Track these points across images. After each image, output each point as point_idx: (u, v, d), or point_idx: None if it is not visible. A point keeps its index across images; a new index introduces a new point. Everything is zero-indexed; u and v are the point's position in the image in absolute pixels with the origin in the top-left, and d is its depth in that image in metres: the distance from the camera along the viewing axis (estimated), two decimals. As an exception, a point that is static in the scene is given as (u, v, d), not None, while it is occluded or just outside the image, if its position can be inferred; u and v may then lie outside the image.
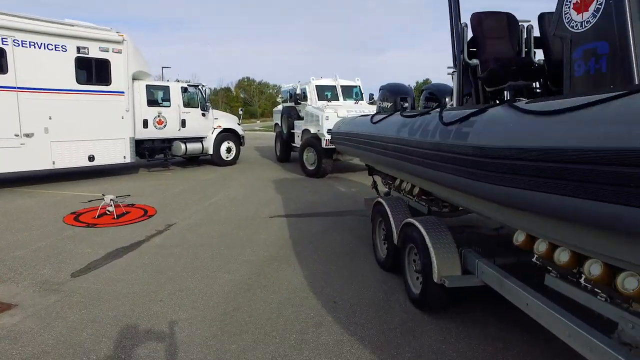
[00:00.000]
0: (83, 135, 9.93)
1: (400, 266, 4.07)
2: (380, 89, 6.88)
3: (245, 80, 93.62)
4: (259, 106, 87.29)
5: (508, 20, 3.95)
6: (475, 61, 3.90)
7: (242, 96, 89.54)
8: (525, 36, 4.03)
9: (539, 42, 3.98)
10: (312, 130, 10.90)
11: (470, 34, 3.96)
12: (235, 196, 8.91)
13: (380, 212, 4.68)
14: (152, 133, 11.74)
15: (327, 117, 10.29)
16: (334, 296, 4.04)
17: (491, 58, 3.70)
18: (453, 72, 5.60)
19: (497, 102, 4.05)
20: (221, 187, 9.97)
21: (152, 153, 12.25)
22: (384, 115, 4.40)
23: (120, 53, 10.35)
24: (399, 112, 4.12)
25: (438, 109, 3.21)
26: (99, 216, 7.08)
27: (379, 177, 6.48)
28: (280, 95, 16.26)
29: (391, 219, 4.29)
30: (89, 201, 7.99)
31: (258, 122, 64.44)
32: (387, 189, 6.94)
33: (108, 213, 7.20)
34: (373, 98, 12.93)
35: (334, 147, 10.12)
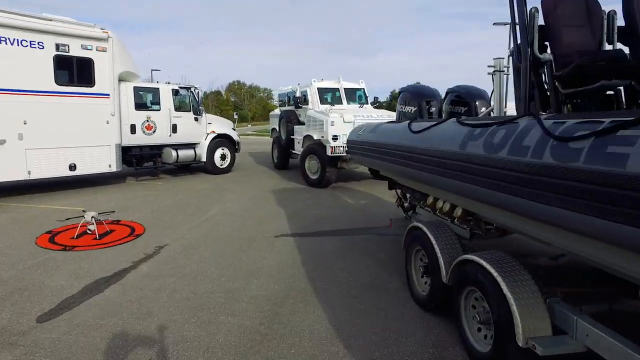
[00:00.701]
0: (63, 141, 8.96)
1: (454, 313, 3.25)
2: (400, 92, 6.09)
3: (236, 83, 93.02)
4: (249, 110, 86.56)
5: (587, 5, 3.18)
6: (547, 55, 3.12)
7: (233, 100, 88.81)
8: (606, 25, 3.26)
9: (624, 33, 3.23)
10: (315, 137, 10.07)
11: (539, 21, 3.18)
12: (233, 210, 8.03)
13: (419, 239, 3.86)
14: (140, 139, 10.80)
15: (332, 122, 9.48)
16: (371, 351, 3.20)
17: (574, 51, 2.92)
18: (494, 71, 4.84)
19: (570, 106, 3.28)
20: (217, 198, 9.08)
21: (140, 161, 11.30)
22: (431, 123, 3.58)
23: (105, 51, 9.42)
24: (454, 120, 3.30)
25: (527, 117, 2.40)
26: (78, 236, 6.15)
27: (399, 190, 5.69)
28: (277, 99, 15.41)
29: (437, 251, 3.47)
30: (67, 219, 7.03)
31: (249, 125, 63.55)
32: (406, 204, 6.20)
33: (89, 232, 6.27)
34: (378, 101, 12.18)
35: (339, 154, 9.35)
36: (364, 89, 11.91)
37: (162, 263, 5.17)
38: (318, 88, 11.38)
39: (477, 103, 5.69)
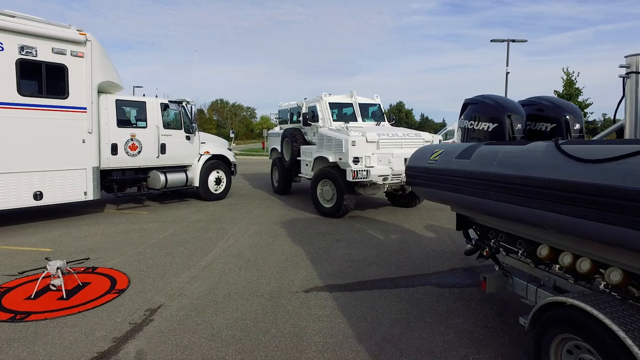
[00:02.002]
0: (27, 164, 7.30)
1: None
2: (467, 105, 4.76)
3: (219, 102, 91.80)
4: (232, 128, 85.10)
5: None
6: None
7: (215, 118, 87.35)
8: None
9: None
10: (331, 159, 8.64)
11: None
12: (240, 249, 6.46)
13: (575, 325, 2.42)
14: (123, 161, 9.18)
15: (353, 142, 8.08)
16: None
17: None
18: (628, 72, 3.54)
19: None
20: (216, 233, 7.49)
21: (122, 186, 9.65)
22: (621, 148, 2.20)
23: (82, 57, 7.88)
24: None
25: None
26: (37, 295, 4.51)
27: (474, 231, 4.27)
28: (276, 116, 14.00)
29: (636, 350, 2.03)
30: (21, 273, 5.34)
31: (233, 144, 61.78)
32: (470, 246, 4.82)
33: (53, 289, 4.63)
34: (394, 119, 10.91)
35: (362, 179, 7.94)
36: (379, 104, 10.61)
37: (157, 339, 3.58)
38: (330, 103, 10.01)
39: (567, 118, 4.43)
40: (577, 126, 4.47)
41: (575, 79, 24.47)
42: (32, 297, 4.47)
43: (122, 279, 5.12)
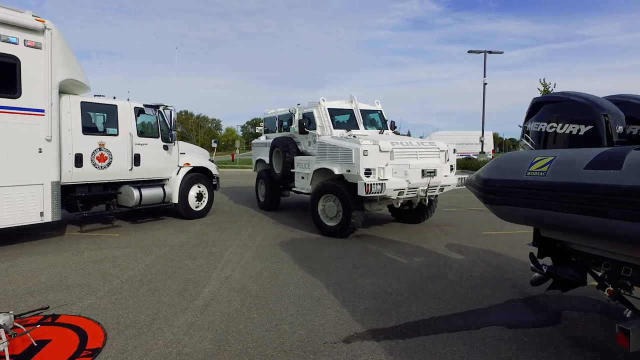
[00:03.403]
0: (-34, 179, 5.82)
1: None
2: (540, 104, 3.89)
3: (183, 113, 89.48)
4: (197, 140, 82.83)
5: None
6: None
7: (180, 130, 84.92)
8: None
9: None
10: (337, 171, 7.58)
11: None
12: (243, 281, 5.26)
13: None
14: (89, 174, 7.75)
15: (365, 151, 7.07)
16: None
17: None
18: None
19: None
20: (208, 260, 6.23)
21: (88, 204, 8.19)
22: None
23: (39, 49, 6.50)
24: None
25: None
26: (-30, 366, 3.16)
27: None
28: (260, 124, 12.81)
29: None
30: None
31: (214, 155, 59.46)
32: (539, 275, 3.97)
33: (-5, 353, 3.28)
34: (395, 127, 10.03)
35: (375, 194, 6.94)
36: (381, 111, 9.67)
37: None
38: (329, 109, 8.98)
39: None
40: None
41: (552, 90, 24.76)
42: (-37, 368, 3.12)
43: (94, 331, 3.81)
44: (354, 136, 7.83)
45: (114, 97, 8.34)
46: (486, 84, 26.62)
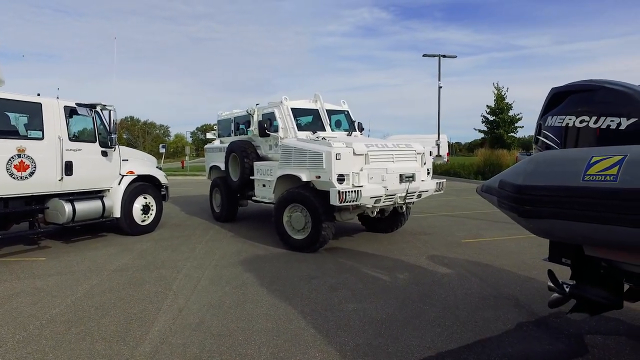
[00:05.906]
0: None
1: None
2: (564, 94, 3.32)
3: (129, 119, 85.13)
4: (144, 147, 79.08)
5: None
6: None
7: (125, 137, 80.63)
8: None
9: None
10: (305, 177, 6.76)
11: None
12: (201, 315, 4.29)
13: None
14: (5, 186, 6.41)
15: (338, 155, 6.31)
16: None
17: None
18: None
19: None
20: (157, 287, 5.18)
21: (5, 223, 6.81)
22: None
23: None
24: None
25: None
26: None
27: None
28: (213, 129, 11.74)
29: None
30: None
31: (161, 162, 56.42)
32: (559, 295, 3.45)
33: None
34: (363, 129, 9.42)
35: (350, 203, 6.21)
36: (348, 111, 8.98)
37: None
38: (292, 109, 8.15)
39: None
40: None
41: (505, 94, 25.43)
42: None
43: (-7, 407, 2.73)
44: (323, 138, 7.07)
45: (39, 94, 7.02)
46: (441, 87, 27.05)
